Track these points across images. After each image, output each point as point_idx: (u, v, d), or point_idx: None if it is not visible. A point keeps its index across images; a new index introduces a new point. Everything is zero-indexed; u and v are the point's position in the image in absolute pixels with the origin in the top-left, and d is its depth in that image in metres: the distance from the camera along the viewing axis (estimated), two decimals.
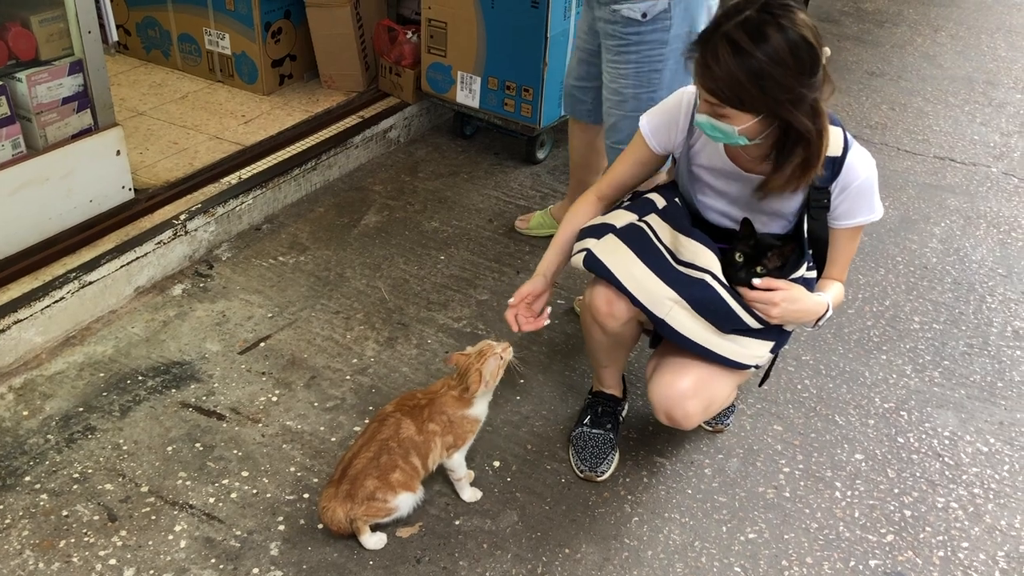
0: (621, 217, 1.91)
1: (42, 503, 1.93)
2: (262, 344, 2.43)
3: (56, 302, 2.36)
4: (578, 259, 1.89)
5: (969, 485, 2.13)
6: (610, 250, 1.84)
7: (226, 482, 2.00)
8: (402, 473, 1.81)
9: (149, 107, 3.44)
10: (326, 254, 2.84)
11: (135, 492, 1.97)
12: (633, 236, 1.85)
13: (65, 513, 1.91)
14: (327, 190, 3.21)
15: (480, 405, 1.89)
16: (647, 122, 1.91)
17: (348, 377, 2.33)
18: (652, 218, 1.89)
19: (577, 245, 1.93)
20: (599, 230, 1.89)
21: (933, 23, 5.41)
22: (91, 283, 2.45)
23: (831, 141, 1.69)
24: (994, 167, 3.67)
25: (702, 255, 1.80)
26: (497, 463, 2.10)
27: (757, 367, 1.89)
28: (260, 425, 2.16)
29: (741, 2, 1.57)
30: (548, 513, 1.99)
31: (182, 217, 2.72)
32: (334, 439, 2.13)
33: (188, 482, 2.00)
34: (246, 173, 3.00)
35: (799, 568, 1.89)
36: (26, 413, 2.16)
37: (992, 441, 2.26)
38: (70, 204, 2.55)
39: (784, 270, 1.79)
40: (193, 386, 2.27)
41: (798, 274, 1.83)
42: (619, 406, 2.18)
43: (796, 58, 1.54)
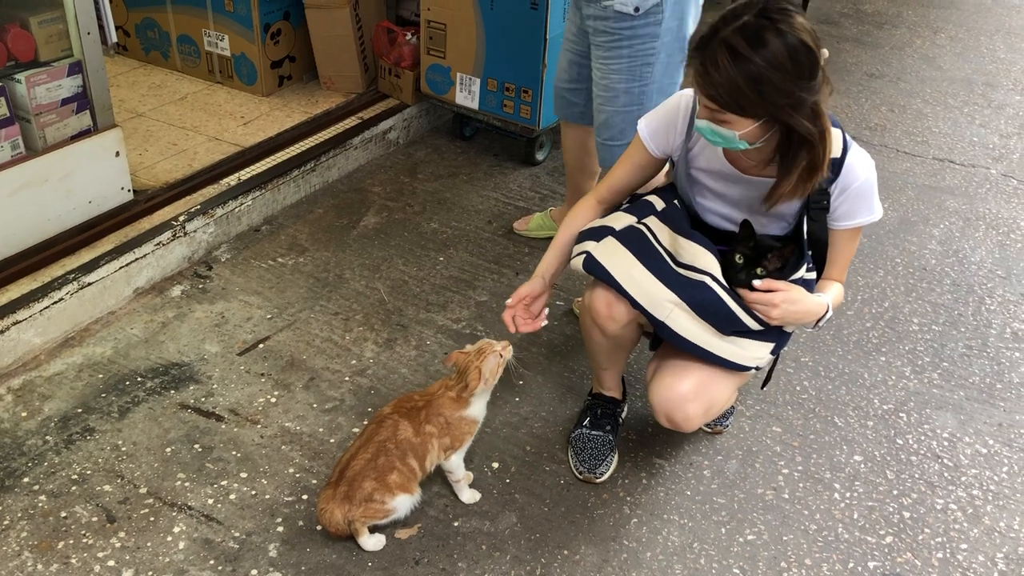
0: (620, 219, 1.91)
1: (41, 504, 1.93)
2: (261, 345, 2.43)
3: (55, 303, 2.36)
4: (577, 262, 1.89)
5: (968, 487, 2.13)
6: (609, 252, 1.84)
7: (225, 483, 2.00)
8: (399, 475, 1.81)
9: (148, 108, 3.44)
10: (325, 255, 2.84)
11: (134, 493, 1.97)
12: (632, 238, 1.85)
13: (64, 514, 1.91)
14: (326, 191, 3.21)
15: (478, 406, 1.89)
16: (645, 125, 1.91)
17: (347, 378, 2.33)
18: (651, 220, 1.89)
19: (576, 248, 1.93)
20: (598, 233, 1.89)
21: (932, 25, 5.41)
22: (90, 284, 2.45)
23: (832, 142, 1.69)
24: (993, 169, 3.67)
25: (702, 257, 1.80)
26: (496, 464, 2.10)
27: (757, 369, 1.89)
28: (259, 426, 2.16)
29: (739, 7, 1.57)
30: (547, 514, 1.99)
31: (181, 218, 2.72)
32: (333, 440, 2.13)
33: (187, 483, 2.00)
34: (245, 174, 3.00)
35: (798, 569, 1.89)
36: (25, 414, 2.16)
37: (991, 443, 2.26)
38: (69, 205, 2.55)
39: (784, 271, 1.79)
40: (192, 387, 2.27)
41: (798, 275, 1.83)
42: (618, 408, 2.18)
43: (795, 62, 1.53)
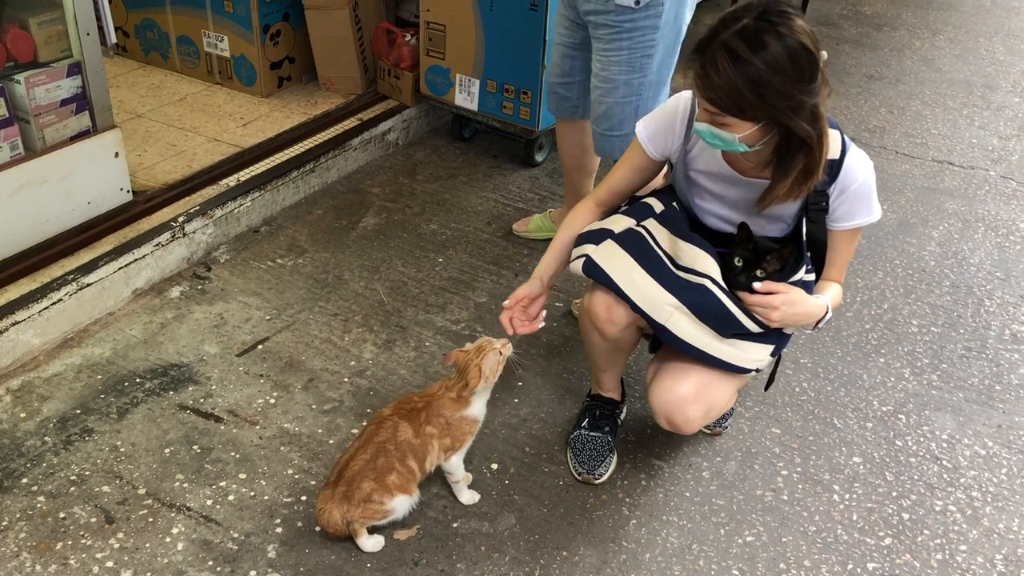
0: (619, 222, 1.91)
1: (39, 505, 1.93)
2: (260, 346, 2.43)
3: (54, 304, 2.36)
4: (577, 265, 1.89)
5: (967, 488, 2.13)
6: (609, 256, 1.84)
7: (224, 484, 2.00)
8: (398, 476, 1.81)
9: (147, 109, 3.44)
10: (324, 256, 2.84)
11: (132, 494, 1.97)
12: (632, 241, 1.85)
13: (62, 515, 1.91)
14: (325, 192, 3.21)
15: (478, 405, 1.89)
16: (643, 128, 1.91)
17: (346, 379, 2.33)
18: (650, 223, 1.89)
19: (575, 251, 1.92)
20: (597, 235, 1.89)
21: (931, 27, 5.42)
22: (89, 285, 2.45)
23: (829, 144, 1.69)
24: (992, 170, 3.68)
25: (701, 260, 1.80)
26: (495, 466, 2.10)
27: (757, 371, 1.89)
28: (258, 427, 2.16)
29: (739, 9, 1.57)
30: (546, 516, 1.98)
31: (180, 219, 2.72)
32: (332, 441, 2.13)
33: (185, 484, 2.00)
34: (244, 175, 3.00)
35: (797, 571, 1.89)
36: (23, 415, 2.16)
37: (990, 444, 2.26)
38: (68, 206, 2.55)
39: (783, 273, 1.79)
40: (191, 388, 2.27)
41: (797, 277, 1.83)
42: (617, 409, 2.18)
43: (795, 65, 1.53)
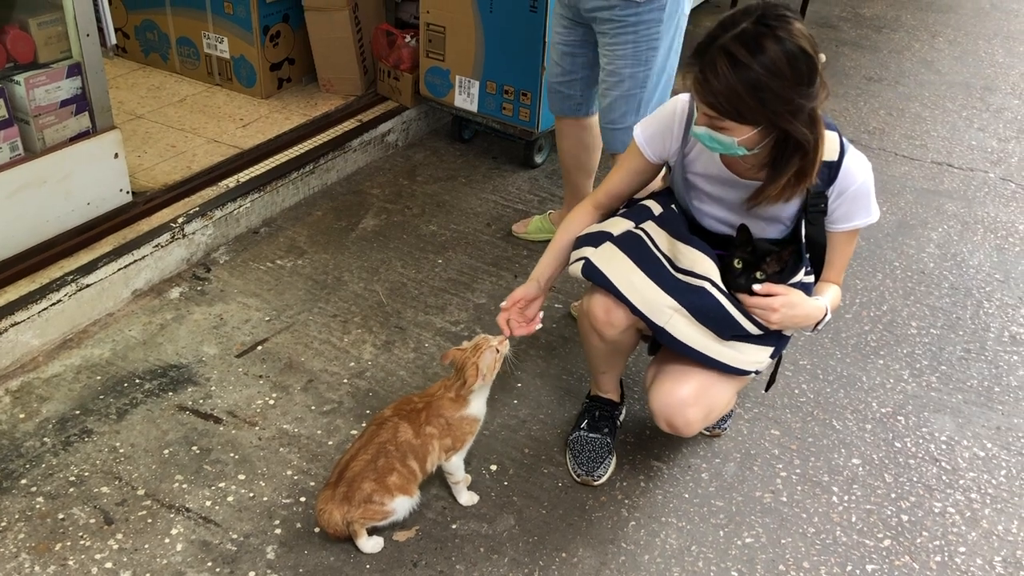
0: (618, 224, 1.91)
1: (38, 506, 1.92)
2: (259, 347, 2.43)
3: (53, 305, 2.36)
4: (576, 268, 1.88)
5: (966, 490, 2.13)
6: (608, 258, 1.84)
7: (223, 485, 2.00)
8: (399, 476, 1.81)
9: (147, 110, 3.45)
10: (324, 257, 2.84)
11: (131, 495, 1.96)
12: (631, 244, 1.85)
13: (61, 516, 1.91)
14: (325, 194, 3.21)
15: (477, 404, 1.89)
16: (641, 131, 1.91)
17: (345, 380, 2.33)
18: (649, 225, 1.89)
19: (574, 254, 1.92)
20: (596, 238, 1.89)
21: (931, 29, 5.42)
22: (88, 286, 2.45)
23: (827, 146, 1.69)
24: (991, 172, 3.68)
25: (700, 262, 1.80)
26: (494, 467, 2.10)
27: (757, 373, 1.89)
28: (257, 428, 2.16)
29: (737, 13, 1.57)
30: (545, 517, 1.98)
31: (180, 220, 2.72)
32: (331, 442, 2.13)
33: (185, 485, 1.99)
34: (244, 176, 3.00)
35: (796, 573, 1.89)
36: (23, 416, 2.15)
37: (989, 446, 2.26)
38: (68, 207, 2.55)
39: (783, 275, 1.79)
40: (190, 389, 2.27)
41: (796, 279, 1.83)
42: (616, 410, 2.18)
43: (794, 69, 1.53)
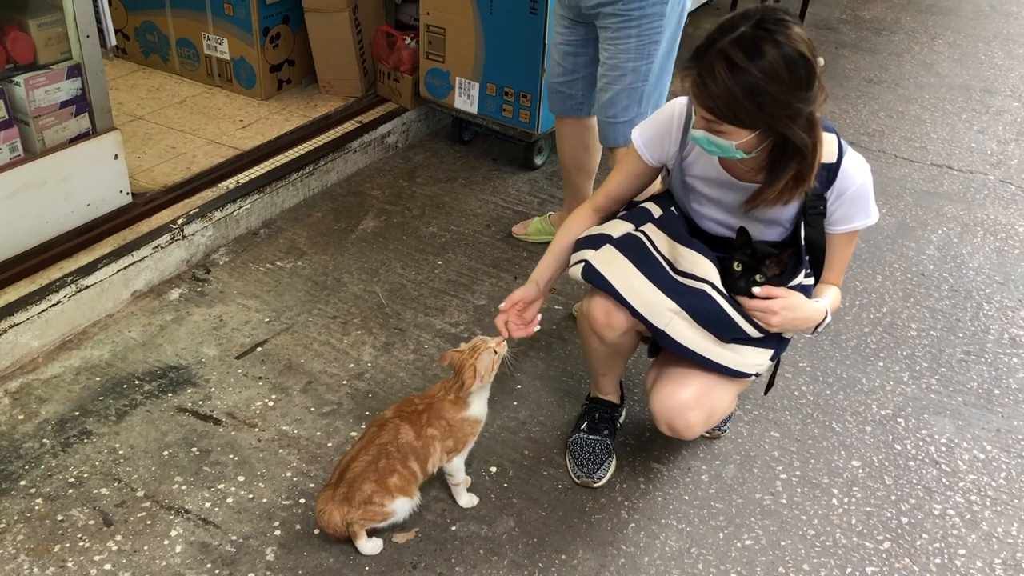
0: (618, 227, 1.91)
1: (37, 507, 1.92)
2: (259, 349, 2.43)
3: (53, 306, 2.36)
4: (576, 270, 1.88)
5: (966, 492, 2.13)
6: (608, 261, 1.84)
7: (222, 487, 2.00)
8: (400, 478, 1.80)
9: (147, 111, 3.45)
10: (323, 259, 2.84)
11: (131, 497, 1.96)
12: (631, 246, 1.85)
13: (60, 518, 1.90)
14: (325, 195, 3.21)
15: (478, 404, 1.88)
16: (639, 135, 1.91)
17: (345, 382, 2.33)
18: (649, 228, 1.89)
19: (574, 256, 1.92)
20: (596, 241, 1.89)
21: (931, 31, 5.43)
22: (88, 287, 2.44)
23: (826, 148, 1.69)
24: (991, 175, 3.68)
25: (700, 265, 1.80)
26: (494, 469, 2.10)
27: (757, 375, 1.89)
28: (256, 430, 2.16)
29: (736, 17, 1.56)
30: (545, 519, 1.98)
31: (179, 221, 2.72)
32: (330, 444, 2.13)
33: (184, 487, 1.99)
34: (244, 178, 3.00)
35: (796, 575, 1.89)
36: (22, 417, 2.15)
37: (989, 448, 2.26)
38: (67, 208, 2.55)
39: (782, 278, 1.79)
40: (190, 390, 2.27)
41: (796, 281, 1.82)
42: (616, 412, 2.18)
43: (792, 73, 1.53)
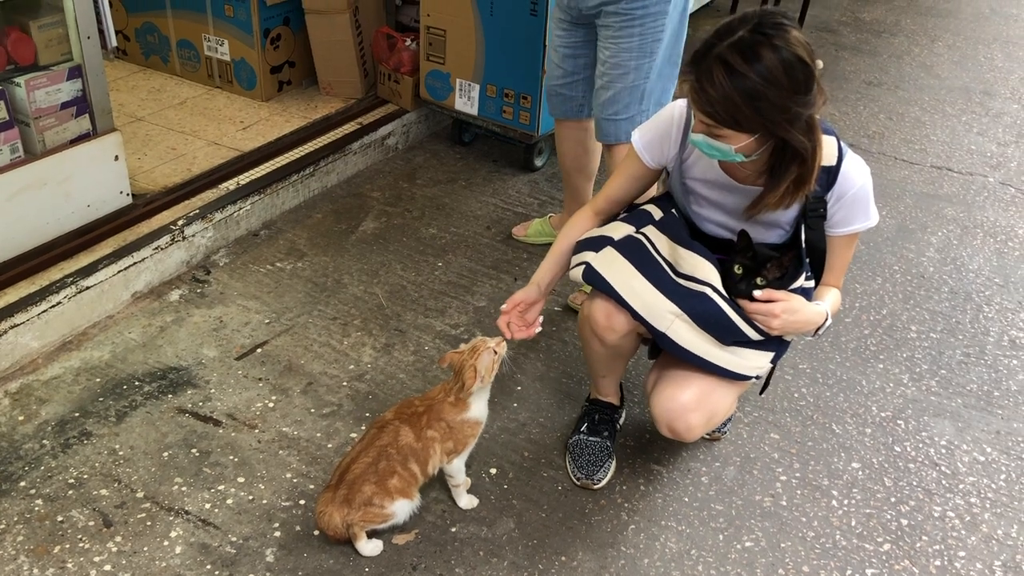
0: (618, 229, 1.91)
1: (37, 508, 1.92)
2: (259, 350, 2.43)
3: (53, 307, 2.36)
4: (577, 272, 1.88)
5: (966, 494, 2.13)
6: (609, 263, 1.84)
7: (222, 488, 2.00)
8: (400, 480, 1.80)
9: (148, 112, 3.45)
10: (324, 260, 2.84)
11: (131, 498, 1.96)
12: (632, 248, 1.85)
13: (60, 519, 1.90)
14: (325, 196, 3.21)
15: (478, 406, 1.88)
16: (639, 137, 1.91)
17: (345, 383, 2.33)
18: (650, 230, 1.89)
19: (575, 258, 1.92)
20: (597, 243, 1.89)
21: (931, 33, 5.43)
22: (88, 288, 2.44)
23: (826, 150, 1.69)
24: (991, 177, 3.68)
25: (701, 267, 1.80)
26: (494, 470, 2.10)
27: (758, 378, 1.89)
28: (256, 431, 2.16)
29: (734, 21, 1.56)
30: (545, 521, 1.98)
31: (180, 223, 2.72)
32: (330, 445, 2.13)
33: (184, 488, 1.99)
34: (244, 179, 3.00)
35: None
36: (22, 418, 2.15)
37: (989, 450, 2.26)
38: (68, 209, 2.55)
39: (783, 280, 1.78)
40: (190, 392, 2.27)
41: (797, 284, 1.82)
42: (616, 414, 2.18)
43: (791, 77, 1.53)
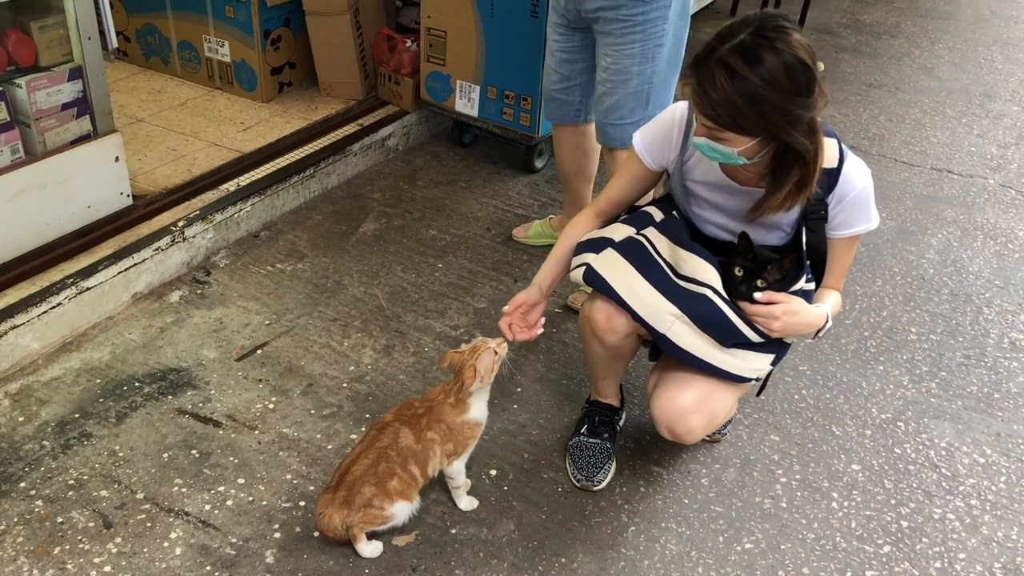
0: (619, 231, 1.91)
1: (37, 509, 1.92)
2: (259, 351, 2.43)
3: (53, 308, 2.36)
4: (577, 274, 1.89)
5: (966, 496, 2.13)
6: (609, 264, 1.84)
7: (222, 489, 2.00)
8: (400, 481, 1.80)
9: (148, 113, 3.45)
10: (324, 261, 2.84)
11: (130, 499, 1.96)
12: (633, 250, 1.85)
13: (60, 520, 1.90)
14: (325, 197, 3.21)
15: (478, 407, 1.88)
16: (640, 139, 1.91)
17: (345, 385, 2.33)
18: (650, 231, 1.89)
19: (576, 260, 1.92)
20: (598, 244, 1.89)
21: (931, 35, 5.43)
22: (88, 289, 2.44)
23: (827, 153, 1.69)
24: (991, 179, 3.69)
25: (702, 269, 1.80)
26: (494, 472, 2.10)
27: (758, 379, 1.89)
28: (256, 432, 2.16)
29: (735, 24, 1.56)
30: (544, 522, 1.98)
31: (180, 224, 2.72)
32: (330, 447, 2.13)
33: (184, 489, 1.99)
34: (244, 180, 3.00)
35: None
36: (22, 419, 2.15)
37: (989, 452, 2.26)
38: (68, 210, 2.55)
39: (784, 283, 1.78)
40: (190, 393, 2.27)
41: (797, 286, 1.82)
42: (616, 415, 2.18)
43: (792, 80, 1.53)
